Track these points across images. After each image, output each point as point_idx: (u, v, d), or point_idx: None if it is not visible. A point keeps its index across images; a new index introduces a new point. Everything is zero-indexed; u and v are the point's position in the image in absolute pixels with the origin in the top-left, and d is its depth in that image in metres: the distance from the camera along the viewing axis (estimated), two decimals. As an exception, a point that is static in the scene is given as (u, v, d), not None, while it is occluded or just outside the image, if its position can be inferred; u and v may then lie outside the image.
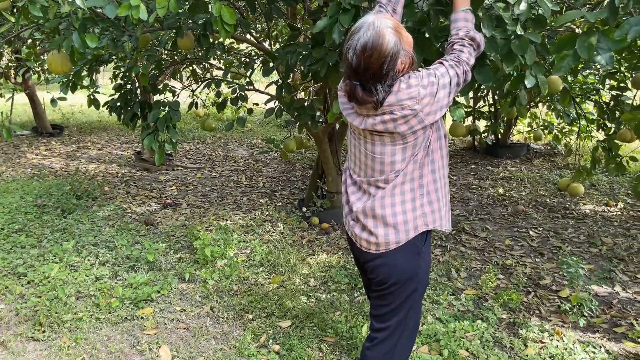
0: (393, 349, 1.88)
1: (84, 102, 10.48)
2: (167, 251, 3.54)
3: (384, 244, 1.77)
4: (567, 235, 4.16)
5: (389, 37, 1.56)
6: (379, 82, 1.60)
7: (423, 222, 1.76)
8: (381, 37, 1.55)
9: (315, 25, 2.27)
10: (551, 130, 6.80)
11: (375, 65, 1.57)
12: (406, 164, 1.70)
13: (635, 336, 2.63)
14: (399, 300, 1.83)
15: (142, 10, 2.37)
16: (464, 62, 1.67)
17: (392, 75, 1.60)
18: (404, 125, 1.63)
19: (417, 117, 1.61)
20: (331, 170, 4.36)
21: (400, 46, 1.59)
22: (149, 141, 3.41)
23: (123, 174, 6.02)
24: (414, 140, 1.68)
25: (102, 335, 2.55)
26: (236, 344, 2.51)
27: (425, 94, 1.60)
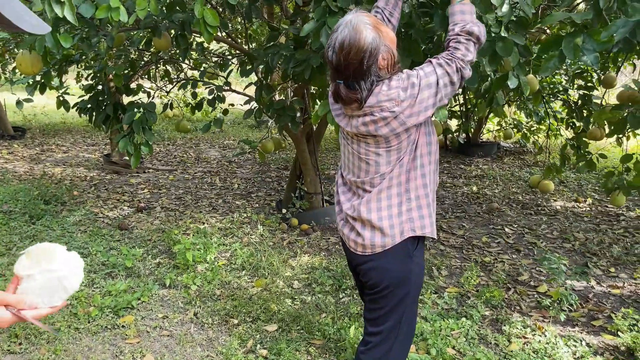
0: (387, 353, 1.86)
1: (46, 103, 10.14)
2: (145, 256, 3.45)
3: (369, 247, 1.75)
4: (541, 232, 4.27)
5: (367, 32, 1.55)
6: (361, 79, 1.59)
7: (410, 228, 1.72)
8: (358, 33, 1.55)
9: (302, 29, 2.25)
10: (520, 129, 6.97)
11: (355, 61, 1.56)
12: (392, 168, 1.68)
13: (614, 329, 2.71)
14: (392, 303, 1.80)
15: (122, 12, 2.30)
16: (457, 60, 1.61)
17: (374, 71, 1.58)
18: (384, 128, 1.61)
19: (398, 119, 1.58)
20: (309, 171, 4.33)
21: (380, 41, 1.57)
22: (124, 144, 3.31)
23: (92, 177, 5.84)
24: (397, 144, 1.65)
25: (82, 346, 2.45)
26: (223, 350, 2.46)
27: (406, 97, 1.57)
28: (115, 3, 2.25)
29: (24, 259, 0.93)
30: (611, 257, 3.71)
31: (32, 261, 0.92)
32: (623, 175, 3.56)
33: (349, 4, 2.24)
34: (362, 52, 1.55)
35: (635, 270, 3.48)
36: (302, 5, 3.35)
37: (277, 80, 3.95)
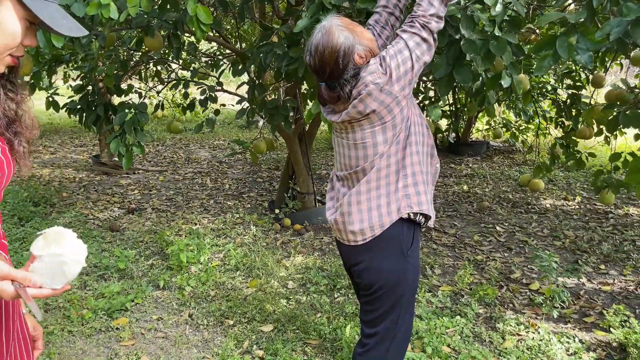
0: (384, 355, 1.85)
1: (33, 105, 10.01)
2: (138, 258, 3.42)
3: (364, 231, 1.72)
4: (531, 230, 4.31)
5: (338, 33, 1.61)
6: (340, 78, 1.64)
7: (407, 204, 1.69)
8: (331, 35, 1.61)
9: (296, 25, 2.25)
10: (509, 128, 7.03)
11: (330, 62, 1.62)
12: (389, 145, 1.68)
13: (605, 325, 2.75)
14: (387, 305, 1.79)
15: (113, 9, 2.28)
16: (418, 17, 1.62)
17: (351, 68, 1.62)
18: (373, 103, 1.62)
19: (384, 90, 1.60)
20: (302, 170, 4.33)
21: (354, 40, 1.62)
22: (115, 144, 3.28)
23: (81, 178, 5.78)
24: (391, 120, 1.66)
25: (76, 349, 2.43)
26: (219, 351, 2.45)
27: (384, 68, 1.61)
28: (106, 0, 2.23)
29: (40, 240, 0.97)
30: (601, 254, 3.76)
31: (46, 243, 0.96)
32: (612, 173, 3.61)
33: (343, 1, 2.25)
34: (335, 52, 1.61)
35: (625, 267, 3.53)
36: (294, 5, 3.35)
37: (269, 79, 3.94)
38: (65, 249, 0.96)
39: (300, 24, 2.26)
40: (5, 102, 1.06)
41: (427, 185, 1.76)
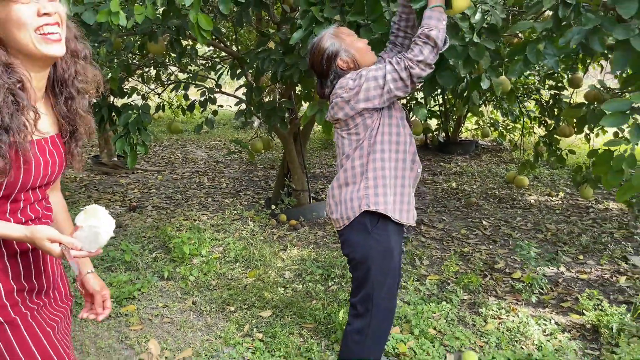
0: (367, 328, 2.06)
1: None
2: (142, 251, 3.60)
3: (340, 220, 2.03)
4: (516, 224, 4.53)
5: (326, 38, 1.95)
6: (324, 77, 1.99)
7: (365, 203, 1.96)
8: (320, 39, 1.97)
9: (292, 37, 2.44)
10: (497, 128, 7.26)
11: (317, 61, 1.97)
12: (353, 150, 1.98)
13: (580, 309, 2.96)
14: (360, 277, 2.05)
15: (122, 16, 2.46)
16: (406, 59, 1.82)
17: (333, 71, 1.95)
18: (340, 112, 1.94)
19: (349, 104, 1.91)
20: (297, 169, 4.53)
21: (338, 47, 1.93)
22: (121, 144, 3.46)
23: (82, 178, 5.94)
24: (354, 128, 1.96)
25: (89, 332, 2.61)
26: (221, 334, 2.64)
27: (354, 85, 1.89)
28: (115, 8, 2.41)
29: (81, 214, 1.21)
30: (580, 245, 3.98)
31: (85, 217, 1.20)
32: (590, 169, 3.83)
33: (334, 15, 2.45)
34: (320, 54, 1.95)
35: (602, 257, 3.75)
36: (288, 12, 3.55)
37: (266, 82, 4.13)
38: (100, 222, 1.20)
39: (296, 35, 2.45)
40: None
41: (394, 188, 2.00)
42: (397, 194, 2.00)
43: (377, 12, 2.31)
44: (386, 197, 1.97)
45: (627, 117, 1.69)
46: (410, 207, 2.06)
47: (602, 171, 2.28)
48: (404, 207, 2.03)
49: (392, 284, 2.08)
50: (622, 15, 1.64)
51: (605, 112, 1.75)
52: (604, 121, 1.71)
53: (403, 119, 2.02)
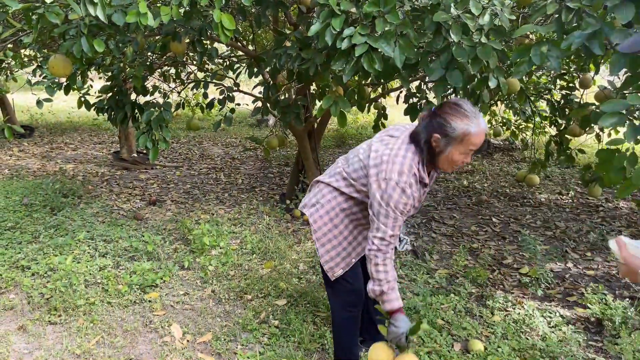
0: (336, 333, 2.33)
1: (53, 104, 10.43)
2: (163, 243, 3.76)
3: None
4: (525, 221, 4.61)
5: (465, 124, 1.81)
6: (430, 128, 1.91)
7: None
8: (468, 118, 1.83)
9: (310, 29, 2.57)
10: (509, 127, 7.31)
11: (443, 114, 1.87)
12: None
13: (585, 303, 3.05)
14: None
15: (150, 17, 2.61)
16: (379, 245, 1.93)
17: (427, 133, 1.88)
18: (367, 174, 2.02)
19: (369, 178, 1.96)
20: (311, 165, 4.66)
21: (455, 137, 1.82)
22: (144, 140, 3.62)
23: (103, 173, 6.14)
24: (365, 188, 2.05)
25: (115, 316, 2.77)
26: (239, 320, 2.78)
27: (381, 182, 1.89)
28: (144, 9, 2.56)
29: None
30: (588, 242, 4.06)
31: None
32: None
33: (351, 7, 2.57)
34: (447, 121, 1.82)
35: (609, 254, 3.83)
36: (305, 12, 3.68)
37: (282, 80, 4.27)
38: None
39: (313, 28, 2.58)
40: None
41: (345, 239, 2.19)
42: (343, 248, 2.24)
43: (391, 4, 2.41)
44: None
45: (623, 117, 1.80)
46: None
47: (604, 169, 2.38)
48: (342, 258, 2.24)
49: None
50: (619, 20, 1.74)
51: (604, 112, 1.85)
52: (602, 121, 1.81)
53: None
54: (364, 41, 2.49)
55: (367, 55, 2.53)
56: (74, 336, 2.58)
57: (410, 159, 1.86)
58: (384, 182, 1.86)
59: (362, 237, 2.21)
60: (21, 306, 2.87)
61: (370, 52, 2.53)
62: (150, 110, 3.70)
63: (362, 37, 2.49)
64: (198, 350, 2.53)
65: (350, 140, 8.33)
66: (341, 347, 2.32)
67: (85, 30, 2.78)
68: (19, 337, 2.58)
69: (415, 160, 1.86)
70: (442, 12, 2.54)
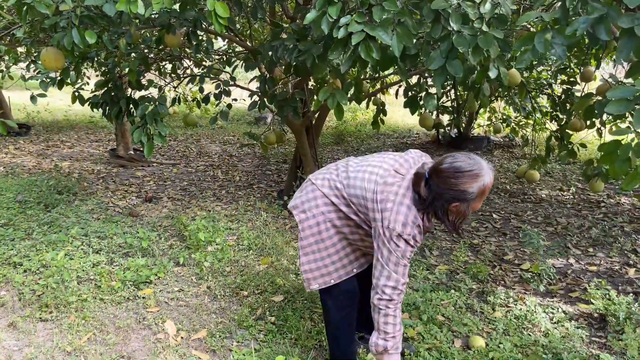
0: (331, 342, 2.30)
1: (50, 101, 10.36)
2: (158, 239, 3.70)
3: None
4: (526, 217, 4.55)
5: (476, 185, 1.75)
6: (433, 192, 1.83)
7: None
8: (477, 176, 1.76)
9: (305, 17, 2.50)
10: (509, 124, 7.26)
11: (448, 178, 1.78)
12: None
13: (588, 298, 2.99)
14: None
15: (140, 5, 2.55)
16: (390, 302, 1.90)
17: (439, 202, 1.79)
18: (371, 214, 1.97)
19: (372, 216, 1.93)
20: (309, 161, 4.60)
21: (470, 199, 1.76)
22: (138, 134, 3.56)
23: (99, 170, 6.08)
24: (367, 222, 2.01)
25: (108, 313, 2.71)
26: (235, 317, 2.72)
27: (377, 218, 1.88)
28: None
29: None
30: (590, 238, 4.00)
31: None
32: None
33: None
34: (458, 185, 1.73)
35: (612, 250, 3.77)
36: (302, 4, 3.62)
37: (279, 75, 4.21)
38: None
39: (309, 16, 2.51)
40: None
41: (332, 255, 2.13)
42: (330, 262, 2.19)
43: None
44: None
45: (630, 104, 1.74)
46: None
47: (609, 160, 2.31)
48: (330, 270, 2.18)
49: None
50: (628, 4, 1.68)
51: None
52: (608, 108, 1.75)
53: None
54: (361, 29, 2.43)
55: (364, 43, 2.47)
56: (65, 333, 2.52)
57: (415, 210, 1.81)
58: (388, 230, 1.82)
59: (347, 261, 2.14)
60: (12, 303, 2.80)
61: (367, 41, 2.47)
62: (145, 105, 3.63)
63: (359, 25, 2.43)
64: (192, 347, 2.46)
65: (349, 137, 8.26)
66: (339, 349, 2.26)
67: (77, 21, 2.72)
68: (8, 334, 2.52)
69: (419, 212, 1.81)
70: (441, 0, 2.48)
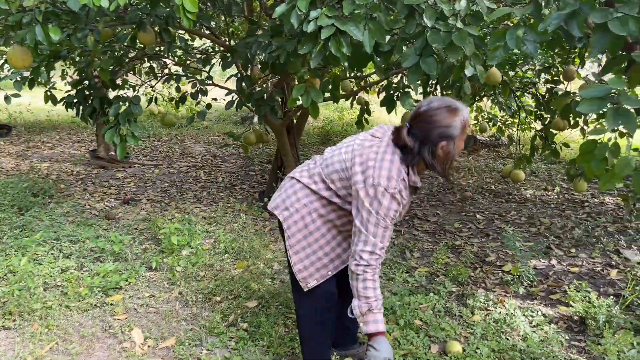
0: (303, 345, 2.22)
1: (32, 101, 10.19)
2: (132, 243, 3.60)
3: None
4: (510, 217, 4.50)
5: (458, 119, 1.79)
6: (417, 139, 1.83)
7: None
8: (456, 111, 1.81)
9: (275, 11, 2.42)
10: (495, 123, 7.21)
11: (429, 122, 1.81)
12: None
13: (568, 301, 2.94)
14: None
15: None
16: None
17: (427, 147, 1.80)
18: (355, 182, 1.89)
19: (357, 187, 1.85)
20: (290, 161, 4.51)
21: (456, 136, 1.79)
22: (110, 135, 3.46)
23: (78, 171, 5.96)
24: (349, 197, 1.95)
25: (73, 321, 2.61)
26: (206, 323, 2.64)
27: (376, 193, 1.78)
28: (96, -11, 2.40)
29: None
30: (572, 239, 3.95)
31: None
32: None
33: None
34: (441, 124, 1.76)
35: (594, 251, 3.73)
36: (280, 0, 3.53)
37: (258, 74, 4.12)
38: None
39: (278, 10, 2.43)
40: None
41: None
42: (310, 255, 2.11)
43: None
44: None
45: (603, 102, 1.67)
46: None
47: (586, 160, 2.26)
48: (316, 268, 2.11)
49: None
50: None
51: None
52: (580, 107, 1.69)
53: None
54: (331, 23, 2.35)
55: (334, 38, 2.39)
56: (27, 342, 2.42)
57: (398, 163, 1.76)
58: (372, 188, 1.75)
59: (341, 249, 2.04)
60: (-26, 311, 2.70)
61: (337, 36, 2.39)
62: (118, 104, 3.54)
63: (329, 19, 2.36)
64: (159, 356, 2.38)
65: (335, 137, 8.19)
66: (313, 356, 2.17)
67: (40, 17, 2.62)
68: (-32, 344, 2.42)
69: (403, 165, 1.78)
70: (415, -5, 2.41)
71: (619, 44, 1.72)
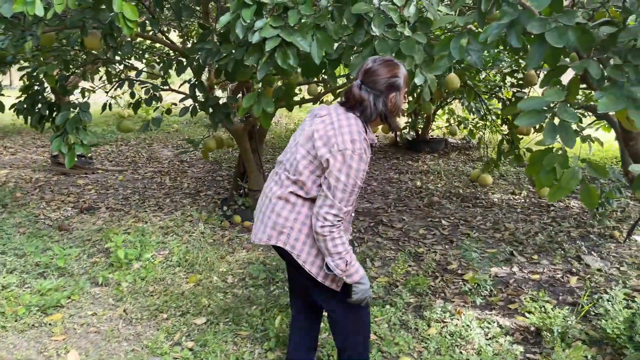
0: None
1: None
2: (81, 256, 3.46)
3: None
4: (475, 223, 4.46)
5: (402, 69, 1.92)
6: (372, 89, 1.92)
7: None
8: (400, 64, 1.95)
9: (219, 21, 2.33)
10: (466, 126, 7.19)
11: (381, 73, 1.92)
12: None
13: (525, 311, 2.89)
14: None
15: (38, 5, 2.33)
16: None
17: (381, 99, 1.90)
18: (325, 151, 1.89)
19: (332, 155, 1.84)
20: (253, 168, 4.41)
21: (401, 87, 1.89)
22: (57, 144, 3.32)
23: (37, 179, 5.76)
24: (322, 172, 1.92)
25: (7, 343, 2.47)
26: (149, 343, 2.52)
27: (347, 157, 1.80)
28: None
29: None
30: (535, 245, 3.92)
31: None
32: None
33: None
34: (392, 74, 1.87)
35: (555, 257, 3.69)
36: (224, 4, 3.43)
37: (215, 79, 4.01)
38: None
39: (223, 19, 2.34)
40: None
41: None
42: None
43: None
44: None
45: (542, 115, 1.61)
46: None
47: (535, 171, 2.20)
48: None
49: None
50: (534, 8, 1.55)
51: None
52: (519, 120, 1.62)
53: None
54: (276, 34, 2.26)
55: (280, 50, 2.31)
56: (-48, 369, 2.28)
57: (356, 125, 1.83)
58: (340, 154, 1.77)
59: (346, 237, 2.01)
60: None
61: (284, 47, 2.31)
62: (66, 112, 3.39)
63: (274, 29, 2.27)
64: (95, 381, 2.26)
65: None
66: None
67: (-30, 23, 2.48)
68: None
69: (360, 125, 1.84)
70: (363, 3, 2.34)
71: (557, 56, 1.65)
